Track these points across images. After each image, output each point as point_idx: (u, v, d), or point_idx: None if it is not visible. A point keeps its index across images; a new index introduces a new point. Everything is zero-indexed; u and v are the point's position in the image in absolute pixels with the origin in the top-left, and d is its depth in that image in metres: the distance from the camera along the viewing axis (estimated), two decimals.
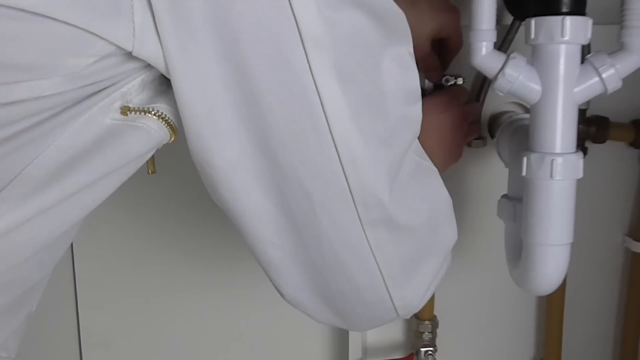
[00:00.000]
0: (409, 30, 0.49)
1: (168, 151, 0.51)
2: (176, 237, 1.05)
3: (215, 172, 0.46)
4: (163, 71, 0.42)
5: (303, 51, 0.41)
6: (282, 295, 0.55)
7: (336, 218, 0.48)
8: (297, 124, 0.44)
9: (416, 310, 0.55)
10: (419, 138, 0.56)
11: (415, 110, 0.52)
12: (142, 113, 0.44)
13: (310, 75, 0.42)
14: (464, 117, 0.75)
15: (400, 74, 0.48)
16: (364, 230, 0.48)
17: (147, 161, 0.52)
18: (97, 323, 1.01)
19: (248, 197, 0.47)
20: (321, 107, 0.43)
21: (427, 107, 0.57)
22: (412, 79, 0.50)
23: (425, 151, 0.59)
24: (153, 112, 0.45)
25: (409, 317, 0.56)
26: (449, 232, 0.58)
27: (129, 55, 0.41)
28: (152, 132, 0.46)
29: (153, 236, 1.05)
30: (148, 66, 0.43)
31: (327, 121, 0.43)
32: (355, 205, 0.47)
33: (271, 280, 0.54)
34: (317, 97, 0.43)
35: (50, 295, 0.64)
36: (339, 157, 0.45)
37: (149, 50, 0.41)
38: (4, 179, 0.41)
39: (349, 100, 0.44)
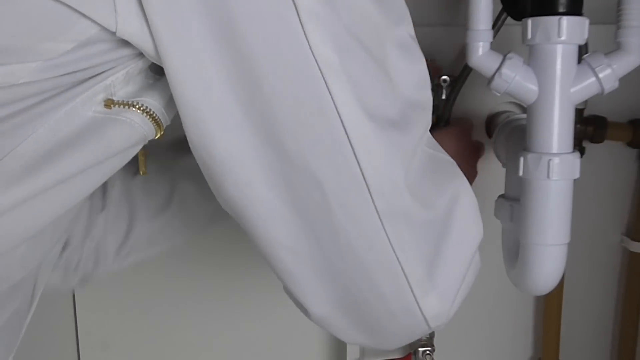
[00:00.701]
0: (407, 10, 0.46)
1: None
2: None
3: (218, 165, 0.43)
4: (150, 54, 0.40)
5: (300, 25, 0.39)
6: (308, 313, 0.50)
7: (351, 211, 0.44)
8: (302, 106, 0.41)
9: (447, 320, 0.50)
10: None
11: (425, 95, 0.48)
12: (126, 107, 0.43)
13: (310, 52, 0.39)
14: (476, 148, 0.74)
15: (405, 56, 0.45)
16: (382, 224, 0.44)
17: (139, 162, 0.51)
18: (95, 324, 1.00)
19: (255, 193, 0.44)
20: (326, 87, 0.40)
21: (444, 135, 0.56)
22: (418, 63, 0.47)
23: None
24: (137, 106, 0.43)
25: (440, 328, 0.50)
26: (473, 229, 0.51)
27: (111, 43, 0.40)
28: (135, 127, 0.44)
29: None
30: (132, 58, 0.42)
31: (333, 101, 0.41)
32: (370, 194, 0.43)
33: (294, 296, 0.49)
34: (320, 75, 0.40)
35: (48, 296, 0.64)
36: (349, 141, 0.42)
37: (133, 28, 0.39)
38: None
39: (354, 81, 0.41)
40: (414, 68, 0.47)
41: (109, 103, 0.42)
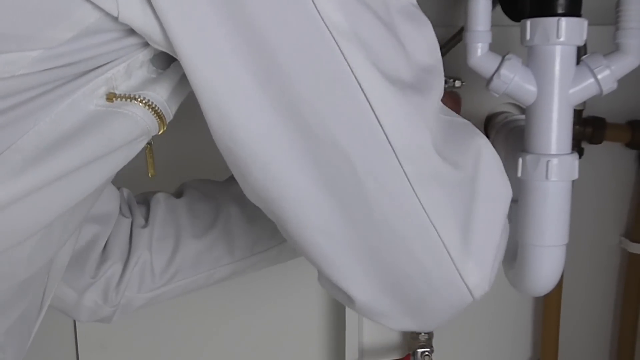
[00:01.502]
0: None
1: (169, 154, 0.51)
2: None
3: (242, 149, 0.42)
4: (156, 40, 0.40)
5: None
6: (352, 301, 0.48)
7: (381, 179, 0.43)
8: (319, 76, 0.40)
9: (488, 288, 0.48)
10: None
11: (437, 59, 0.47)
12: (128, 100, 0.42)
13: (321, 19, 0.39)
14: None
15: (411, 22, 0.45)
16: (413, 189, 0.43)
17: (147, 164, 0.51)
18: (93, 324, 1.00)
19: (282, 174, 0.43)
20: (340, 53, 0.40)
21: None
22: (425, 28, 0.46)
23: None
24: (140, 99, 0.43)
25: (482, 298, 0.49)
26: (502, 186, 0.49)
27: (112, 33, 0.39)
28: (138, 120, 0.43)
29: None
30: (134, 50, 0.41)
31: (349, 66, 0.40)
32: (398, 160, 0.42)
33: (335, 284, 0.48)
34: (334, 41, 0.39)
35: None
36: (370, 105, 0.41)
37: (136, 12, 0.38)
38: None
39: (368, 45, 0.40)
40: (421, 33, 0.46)
41: (110, 96, 0.41)
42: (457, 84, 0.85)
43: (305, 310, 1.05)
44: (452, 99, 0.82)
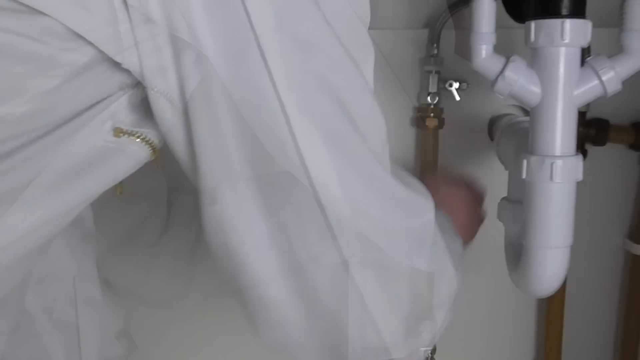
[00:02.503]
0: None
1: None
2: (176, 236, 1.05)
3: (222, 212, 0.44)
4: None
5: (266, 70, 0.40)
6: (265, 335, 0.52)
7: (318, 257, 0.45)
8: (269, 147, 0.42)
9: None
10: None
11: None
12: (132, 137, 0.44)
13: (275, 93, 0.40)
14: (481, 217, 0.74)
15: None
16: (349, 271, 0.45)
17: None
18: None
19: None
20: (289, 131, 0.41)
21: (454, 197, 0.60)
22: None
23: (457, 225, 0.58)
24: (141, 137, 0.45)
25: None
26: (453, 280, 0.54)
27: (104, 69, 0.41)
28: (137, 157, 0.46)
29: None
30: (129, 85, 0.42)
31: (297, 147, 0.42)
32: (337, 242, 0.44)
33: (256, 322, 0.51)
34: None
35: None
36: (315, 189, 0.43)
37: (133, 63, 0.40)
38: (11, 196, 0.42)
39: (317, 124, 0.42)
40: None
41: (118, 132, 0.43)
42: (464, 86, 0.86)
43: None
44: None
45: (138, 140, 0.44)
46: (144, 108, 0.44)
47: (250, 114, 0.40)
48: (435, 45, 0.89)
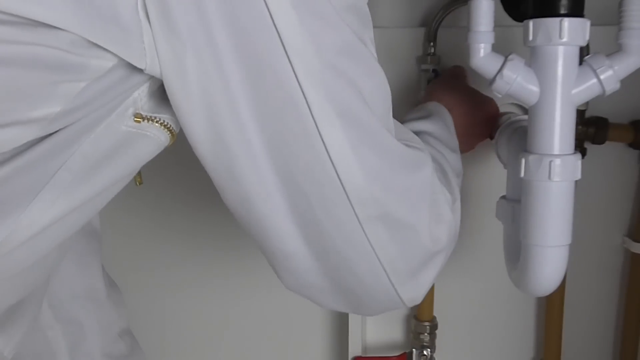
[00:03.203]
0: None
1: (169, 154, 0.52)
2: (175, 234, 1.05)
3: (241, 186, 0.47)
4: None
5: (287, 60, 0.42)
6: (285, 280, 0.54)
7: (335, 217, 0.48)
8: (290, 132, 0.45)
9: (420, 301, 0.56)
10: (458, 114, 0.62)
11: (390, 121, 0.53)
12: (151, 122, 0.46)
13: (297, 82, 0.43)
14: (484, 100, 0.80)
15: (383, 92, 0.50)
16: (362, 227, 0.49)
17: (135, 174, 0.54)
18: None
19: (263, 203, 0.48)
20: (310, 115, 0.44)
21: (436, 86, 0.63)
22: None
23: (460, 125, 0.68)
24: (159, 121, 0.47)
25: (412, 305, 0.57)
26: (452, 224, 0.58)
27: (127, 70, 0.43)
28: (158, 141, 0.48)
29: (151, 235, 1.05)
30: (149, 77, 0.44)
31: (317, 128, 0.44)
32: (351, 204, 0.48)
33: (276, 265, 0.54)
34: (307, 107, 0.44)
35: None
36: (332, 163, 0.46)
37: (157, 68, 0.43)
38: (41, 180, 0.43)
39: (333, 104, 0.45)
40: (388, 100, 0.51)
41: (138, 117, 0.45)
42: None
43: (309, 307, 1.05)
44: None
45: (157, 124, 0.47)
46: (161, 95, 0.46)
47: (269, 100, 0.43)
48: (432, 43, 0.89)
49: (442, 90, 0.78)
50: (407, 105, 0.92)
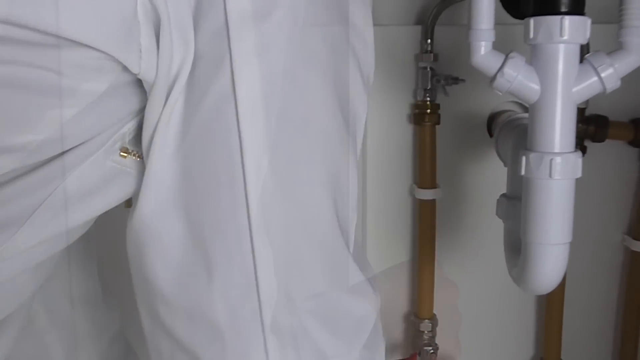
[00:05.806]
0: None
1: None
2: None
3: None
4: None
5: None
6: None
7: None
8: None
9: None
10: None
11: None
12: (136, 157, 0.44)
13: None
14: None
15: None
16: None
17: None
18: None
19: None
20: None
21: None
22: None
23: None
24: (138, 155, 0.45)
25: None
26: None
27: (119, 99, 0.41)
28: (137, 177, 0.45)
29: None
30: (139, 110, 0.43)
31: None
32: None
33: None
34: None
35: None
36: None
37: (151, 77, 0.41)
38: (27, 211, 0.42)
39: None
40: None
41: (124, 151, 0.44)
42: (459, 82, 0.86)
43: None
44: None
45: (136, 158, 0.45)
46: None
47: None
48: (429, 41, 0.89)
49: None
50: (404, 104, 0.92)
